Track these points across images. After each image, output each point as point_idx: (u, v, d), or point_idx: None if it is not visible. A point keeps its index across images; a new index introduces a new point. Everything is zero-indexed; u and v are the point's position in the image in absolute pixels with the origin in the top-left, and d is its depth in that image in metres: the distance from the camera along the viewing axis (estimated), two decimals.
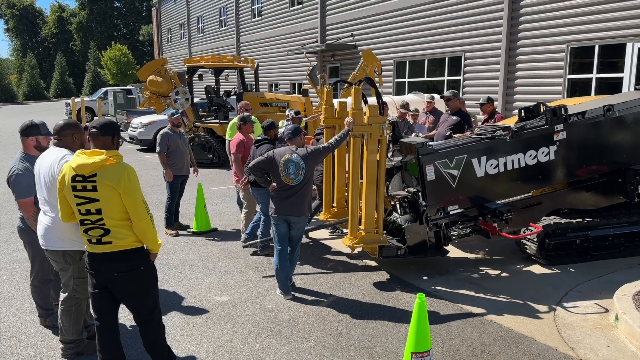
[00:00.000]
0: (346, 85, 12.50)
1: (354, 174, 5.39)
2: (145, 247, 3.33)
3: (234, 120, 8.25)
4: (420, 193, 5.46)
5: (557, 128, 5.62)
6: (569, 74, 11.62)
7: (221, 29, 29.76)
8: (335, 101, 6.44)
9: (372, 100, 10.57)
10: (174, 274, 5.87)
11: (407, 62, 16.43)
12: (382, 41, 17.14)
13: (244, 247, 5.97)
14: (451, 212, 5.49)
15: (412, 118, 8.71)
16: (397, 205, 5.70)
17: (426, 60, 15.71)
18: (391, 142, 6.20)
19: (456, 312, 4.78)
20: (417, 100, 10.11)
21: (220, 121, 13.85)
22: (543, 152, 5.64)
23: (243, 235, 6.61)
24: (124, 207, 3.15)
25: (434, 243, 5.64)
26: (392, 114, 9.69)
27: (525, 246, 6.03)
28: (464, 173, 5.42)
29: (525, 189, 5.72)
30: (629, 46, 10.41)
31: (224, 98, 14.78)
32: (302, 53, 21.06)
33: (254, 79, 14.88)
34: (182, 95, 13.75)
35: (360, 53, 14.27)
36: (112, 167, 3.13)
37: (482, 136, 5.51)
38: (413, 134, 7.91)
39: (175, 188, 7.53)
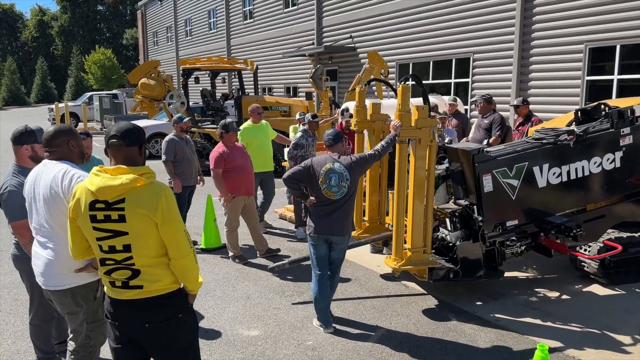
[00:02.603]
0: (351, 87, 11.78)
1: (400, 185, 4.69)
2: (183, 287, 2.58)
3: (245, 125, 7.53)
4: (474, 206, 4.78)
5: (623, 132, 4.99)
6: (587, 76, 11.10)
7: (210, 32, 28.94)
8: (368, 103, 5.75)
9: (390, 102, 9.92)
10: None
11: (411, 64, 15.83)
12: (383, 43, 16.52)
13: (269, 270, 5.21)
14: (510, 228, 4.81)
15: (441, 122, 8.02)
16: (447, 221, 5.01)
17: (431, 62, 15.12)
18: None
19: (530, 346, 4.09)
20: (437, 103, 9.47)
21: (218, 125, 13.07)
22: (608, 159, 5.01)
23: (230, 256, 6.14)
24: (161, 241, 2.40)
25: (488, 263, 4.96)
26: None
27: (583, 264, 5.38)
28: (524, 183, 4.76)
29: (588, 200, 5.08)
30: None
31: (221, 102, 14.00)
32: (297, 56, 20.37)
33: (252, 82, 14.13)
34: (177, 99, 12.96)
35: (363, 54, 13.62)
36: (146, 189, 2.37)
37: (544, 141, 4.86)
38: (447, 139, 7.25)
39: (183, 200, 6.75)
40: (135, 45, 53.17)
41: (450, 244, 4.99)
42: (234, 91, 14.07)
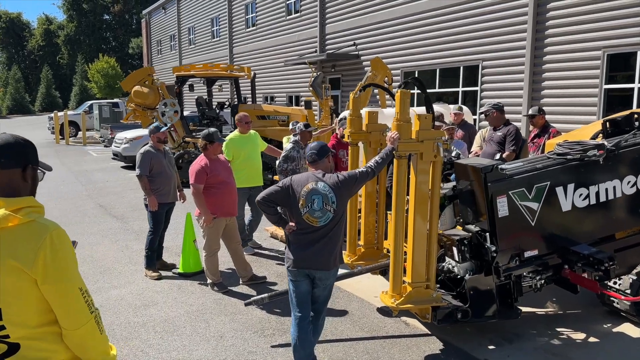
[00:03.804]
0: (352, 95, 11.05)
1: (398, 208, 3.97)
2: None
3: (231, 135, 6.85)
4: (486, 233, 4.05)
5: None
6: (605, 84, 10.34)
7: (213, 40, 28.47)
8: (364, 112, 5.06)
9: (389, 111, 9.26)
10: (153, 340, 4.38)
11: (416, 72, 15.14)
12: (387, 50, 15.86)
13: (246, 305, 4.50)
14: (528, 259, 4.07)
15: (448, 133, 7.24)
16: (454, 250, 4.27)
17: (438, 70, 14.43)
18: None
19: None
20: (442, 112, 8.77)
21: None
22: None
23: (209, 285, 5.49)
24: (46, 303, 1.71)
25: (502, 299, 4.22)
26: None
27: (613, 300, 4.62)
28: (546, 206, 4.03)
29: (619, 226, 4.34)
30: None
31: (217, 110, 13.37)
32: (299, 64, 19.77)
33: (250, 90, 13.49)
34: (171, 108, 12.32)
35: (367, 62, 12.97)
36: (21, 231, 1.68)
37: (568, 157, 4.13)
38: (454, 152, 6.52)
39: (160, 219, 6.07)
40: (141, 54, 53.04)
41: (458, 277, 4.25)
42: (230, 99, 13.43)
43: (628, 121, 4.57)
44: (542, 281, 4.32)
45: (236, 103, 12.94)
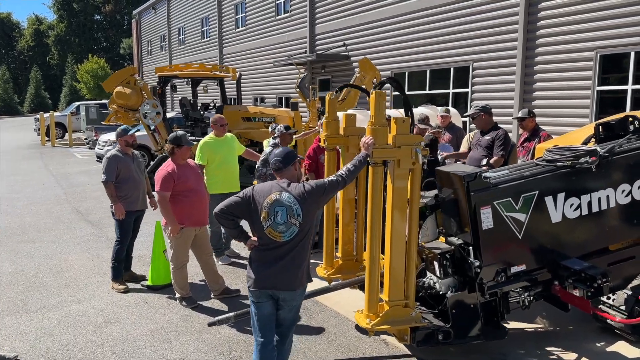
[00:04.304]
0: (342, 95, 10.71)
1: (374, 219, 3.64)
2: None
3: (205, 138, 6.51)
4: (469, 247, 3.72)
5: None
6: (598, 86, 10.07)
7: (203, 41, 28.09)
8: (341, 114, 4.73)
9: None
10: None
11: (407, 73, 14.85)
12: (378, 51, 15.56)
13: (209, 325, 4.15)
14: (515, 275, 3.76)
15: (435, 137, 6.90)
16: (435, 264, 3.94)
17: (428, 71, 14.13)
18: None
19: None
20: (429, 114, 8.46)
21: (197, 138, 12.05)
22: (639, 187, 3.95)
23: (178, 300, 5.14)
24: None
25: (487, 317, 3.90)
26: None
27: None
28: (534, 218, 3.71)
29: (613, 238, 4.03)
30: None
31: (202, 112, 13.01)
32: (290, 64, 19.43)
33: (235, 91, 13.15)
34: (153, 109, 11.96)
35: (357, 63, 12.66)
36: None
37: (558, 164, 3.81)
38: (441, 156, 6.20)
39: (127, 227, 5.72)
40: (132, 54, 52.55)
41: (441, 293, 3.93)
42: (215, 101, 13.07)
43: (622, 125, 4.27)
44: (531, 297, 4.00)
45: (221, 104, 12.60)
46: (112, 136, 15.39)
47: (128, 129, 5.79)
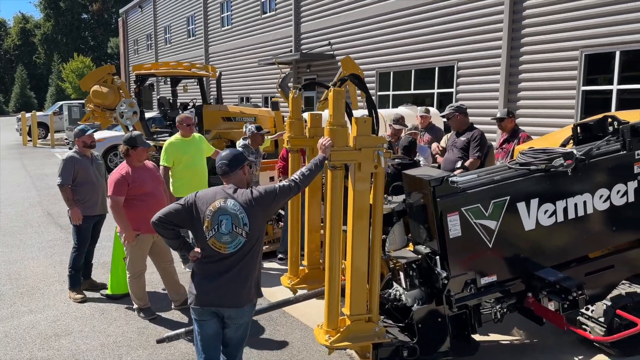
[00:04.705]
0: (324, 95, 10.39)
1: (334, 226, 3.38)
2: None
3: (171, 139, 6.21)
4: (437, 256, 3.47)
5: (639, 155, 3.72)
6: (583, 85, 9.88)
7: (189, 39, 27.72)
8: (307, 115, 4.46)
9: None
10: None
11: (391, 72, 14.62)
12: (363, 50, 15.33)
13: (158, 342, 3.85)
14: (486, 286, 3.51)
15: (413, 138, 6.60)
16: (401, 274, 3.69)
17: (413, 71, 13.91)
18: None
19: None
20: (409, 114, 8.24)
21: None
22: (618, 192, 3.72)
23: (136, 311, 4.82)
24: None
25: (457, 330, 3.65)
26: (381, 131, 7.68)
27: (584, 327, 4.08)
28: (505, 225, 3.47)
29: (591, 246, 3.79)
30: None
31: (180, 112, 12.68)
32: (274, 64, 19.15)
33: (216, 90, 12.84)
34: (130, 108, 11.63)
35: (339, 62, 12.40)
36: None
37: (531, 167, 3.57)
38: (422, 160, 5.94)
39: (85, 233, 5.41)
40: (120, 53, 51.95)
41: (406, 306, 3.67)
42: (194, 100, 12.74)
43: (601, 126, 4.03)
44: (504, 310, 3.75)
45: (201, 104, 12.28)
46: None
47: (86, 129, 5.49)
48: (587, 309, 4.04)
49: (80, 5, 58.07)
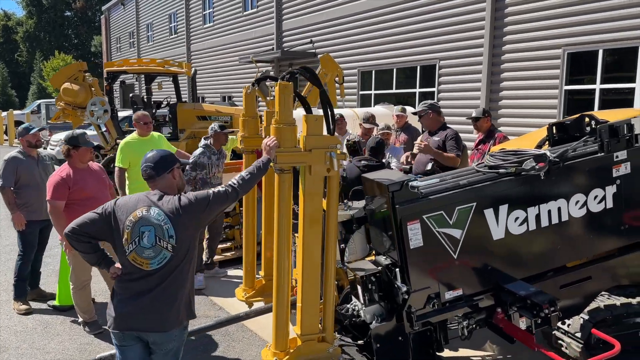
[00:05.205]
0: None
1: (281, 235, 3.04)
2: None
3: (127, 138, 5.85)
4: (397, 268, 3.14)
5: (617, 157, 3.42)
6: (566, 85, 9.64)
7: (171, 37, 27.20)
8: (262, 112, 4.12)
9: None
10: None
11: (373, 71, 14.31)
12: (344, 48, 15.00)
13: None
14: (450, 301, 3.19)
15: (385, 138, 6.22)
16: (358, 287, 3.36)
17: (395, 70, 13.61)
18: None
19: None
20: (386, 114, 7.93)
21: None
22: (596, 197, 3.42)
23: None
24: None
25: (421, 348, 3.33)
26: (352, 131, 7.32)
27: (560, 343, 3.78)
28: (471, 234, 3.15)
29: (566, 256, 3.49)
30: None
31: (154, 110, 12.26)
32: (257, 62, 18.76)
33: (190, 88, 12.45)
34: (100, 107, 11.21)
35: (319, 58, 12.06)
36: None
37: (500, 170, 3.26)
38: (393, 162, 5.61)
39: (31, 240, 5.03)
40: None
41: (365, 323, 3.34)
42: (168, 98, 12.32)
43: (578, 126, 3.73)
44: (473, 325, 3.43)
45: (175, 102, 11.87)
46: (63, 136, 14.56)
47: (30, 127, 5.10)
48: (564, 323, 3.75)
49: (64, 3, 56.95)
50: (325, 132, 3.07)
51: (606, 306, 3.72)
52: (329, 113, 3.16)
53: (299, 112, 6.24)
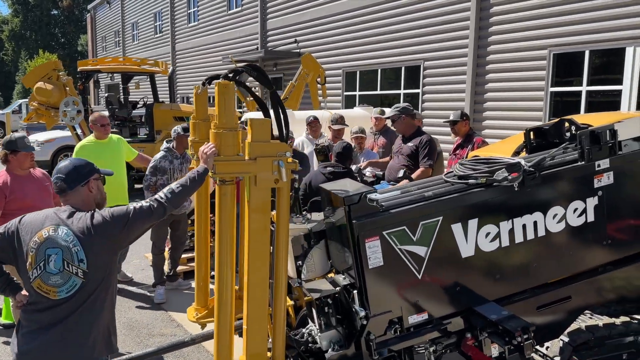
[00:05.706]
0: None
1: (223, 252, 2.70)
2: None
3: (83, 141, 5.49)
4: (355, 290, 2.82)
5: (599, 166, 3.12)
6: (551, 86, 9.39)
7: (156, 36, 26.77)
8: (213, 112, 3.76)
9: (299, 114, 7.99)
10: None
11: (358, 72, 14.01)
12: (329, 48, 14.70)
13: None
14: (414, 326, 2.87)
15: (356, 142, 5.92)
16: (313, 311, 3.03)
17: (379, 71, 13.32)
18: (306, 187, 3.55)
19: None
20: (365, 116, 7.62)
21: (126, 138, 10.95)
22: (575, 210, 3.11)
23: None
24: None
25: None
26: (325, 133, 6.97)
27: None
28: (437, 251, 2.82)
29: (542, 275, 3.18)
30: (629, 51, 8.26)
31: (129, 110, 11.89)
32: (240, 61, 18.40)
33: (168, 87, 12.08)
34: (73, 107, 10.81)
35: (300, 58, 11.75)
36: None
37: (469, 181, 2.94)
38: (369, 170, 5.26)
39: None
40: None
41: (321, 351, 3.01)
42: (145, 98, 11.95)
43: (557, 131, 3.43)
44: (442, 350, 3.11)
45: (151, 102, 11.51)
46: (40, 136, 14.13)
47: None
48: (542, 345, 3.45)
49: (50, 1, 56.20)
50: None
51: (588, 327, 3.43)
52: (281, 116, 2.83)
53: (302, 114, 5.92)
